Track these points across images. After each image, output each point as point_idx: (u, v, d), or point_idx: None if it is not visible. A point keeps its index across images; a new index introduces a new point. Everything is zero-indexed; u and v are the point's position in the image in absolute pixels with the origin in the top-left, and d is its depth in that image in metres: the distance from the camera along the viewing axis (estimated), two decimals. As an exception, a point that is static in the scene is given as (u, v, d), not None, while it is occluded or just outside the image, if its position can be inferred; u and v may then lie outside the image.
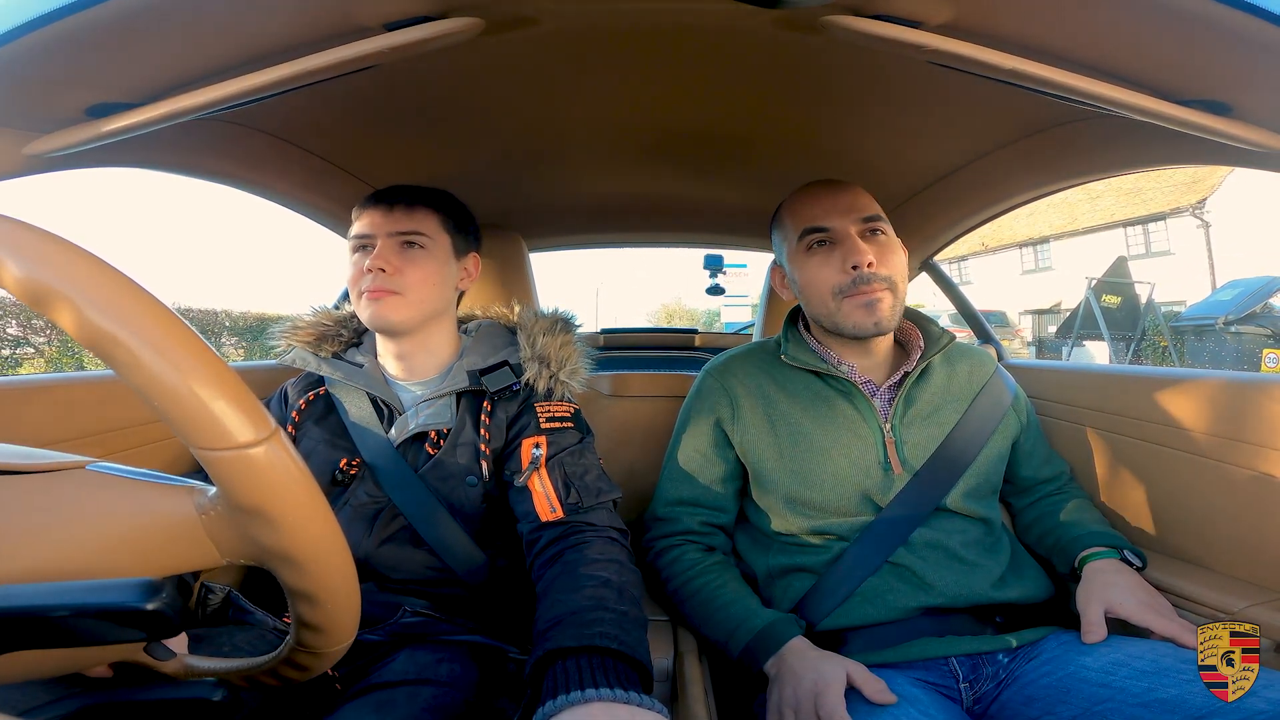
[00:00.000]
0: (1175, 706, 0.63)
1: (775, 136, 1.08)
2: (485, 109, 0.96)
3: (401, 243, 0.85)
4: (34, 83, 0.60)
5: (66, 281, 0.31)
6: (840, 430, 0.88)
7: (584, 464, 0.82)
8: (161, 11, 0.54)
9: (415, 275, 0.84)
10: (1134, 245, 14.78)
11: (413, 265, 0.84)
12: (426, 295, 0.85)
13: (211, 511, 0.38)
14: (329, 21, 0.59)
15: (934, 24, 0.59)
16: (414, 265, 0.85)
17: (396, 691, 0.66)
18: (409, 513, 0.81)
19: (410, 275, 0.84)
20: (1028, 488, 1.00)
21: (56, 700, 0.47)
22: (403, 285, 0.83)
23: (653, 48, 0.78)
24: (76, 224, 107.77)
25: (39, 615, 0.33)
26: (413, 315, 0.85)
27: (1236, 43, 0.56)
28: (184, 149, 0.89)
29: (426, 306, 0.86)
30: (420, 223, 0.86)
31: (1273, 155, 0.70)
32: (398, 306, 0.83)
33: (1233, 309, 8.52)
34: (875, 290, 0.85)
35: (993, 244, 18.20)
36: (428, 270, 0.86)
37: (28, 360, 7.80)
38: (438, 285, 0.87)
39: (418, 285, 0.84)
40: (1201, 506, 0.89)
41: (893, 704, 0.66)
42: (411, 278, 0.84)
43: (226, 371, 0.34)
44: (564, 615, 0.61)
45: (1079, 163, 1.01)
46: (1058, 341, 10.88)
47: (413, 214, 0.86)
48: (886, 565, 0.83)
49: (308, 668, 0.47)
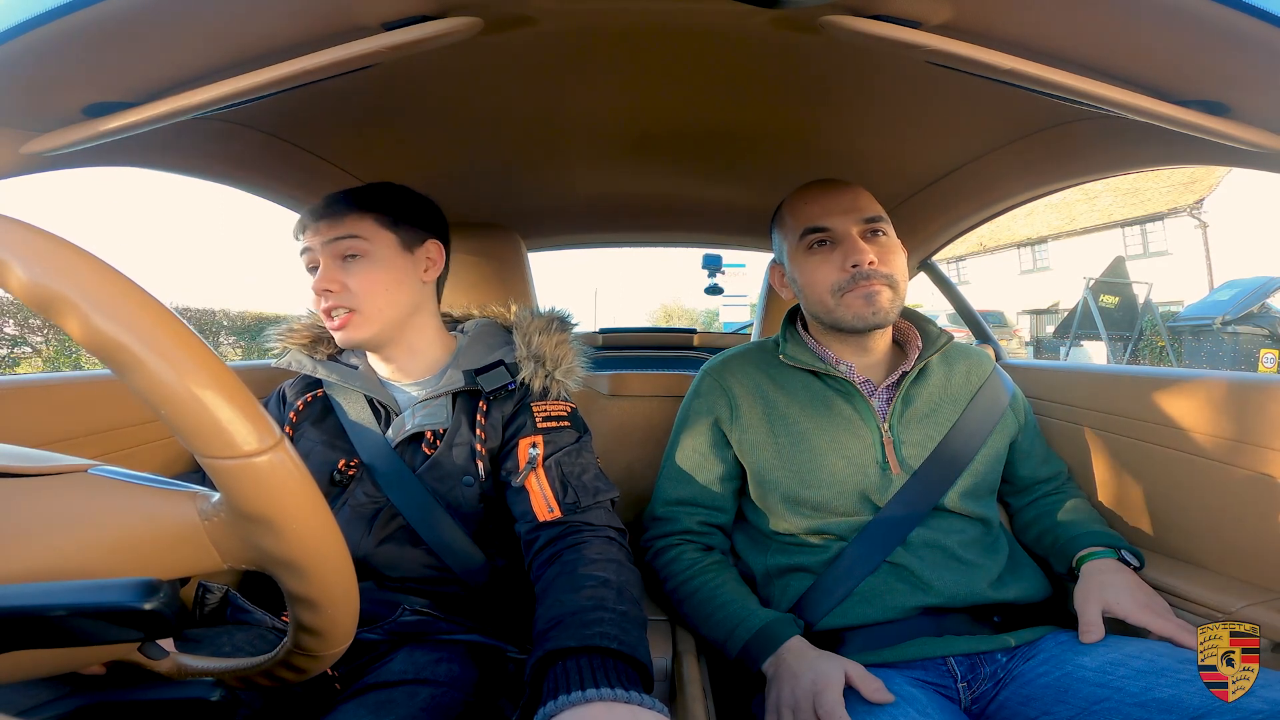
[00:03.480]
0: (1172, 706, 0.63)
1: (773, 136, 1.08)
2: (483, 108, 0.96)
3: (341, 255, 0.82)
4: (31, 82, 0.60)
5: (74, 287, 0.31)
6: (838, 430, 0.88)
7: (581, 463, 0.82)
8: (159, 11, 0.54)
9: (361, 285, 0.81)
10: (1132, 245, 14.80)
11: (355, 276, 0.81)
12: (384, 303, 0.83)
13: (215, 517, 0.38)
14: (327, 21, 0.59)
15: (933, 24, 0.60)
16: (356, 276, 0.81)
17: (395, 691, 0.66)
18: (407, 513, 0.81)
19: (356, 287, 0.81)
20: (1025, 487, 1.00)
21: (54, 700, 0.47)
22: (354, 300, 0.81)
23: (651, 47, 0.78)
24: (76, 223, 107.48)
25: (36, 615, 0.33)
26: (377, 328, 0.83)
27: (1235, 43, 0.56)
28: (182, 148, 0.89)
29: (389, 313, 0.83)
30: (352, 227, 0.82)
31: (1270, 155, 0.70)
32: (359, 325, 0.81)
33: (1230, 309, 8.52)
34: (875, 283, 0.85)
35: (991, 244, 18.23)
36: (374, 278, 0.82)
37: (25, 360, 7.78)
38: (391, 288, 0.83)
39: (368, 296, 0.81)
40: (1199, 506, 0.89)
41: (891, 703, 0.66)
42: (358, 289, 0.81)
43: (233, 380, 0.34)
44: (564, 615, 0.61)
45: (1077, 163, 1.01)
46: (1055, 341, 10.89)
47: (342, 221, 0.82)
48: (885, 565, 0.83)
49: (304, 670, 0.47)
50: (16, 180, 0.70)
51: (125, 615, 0.33)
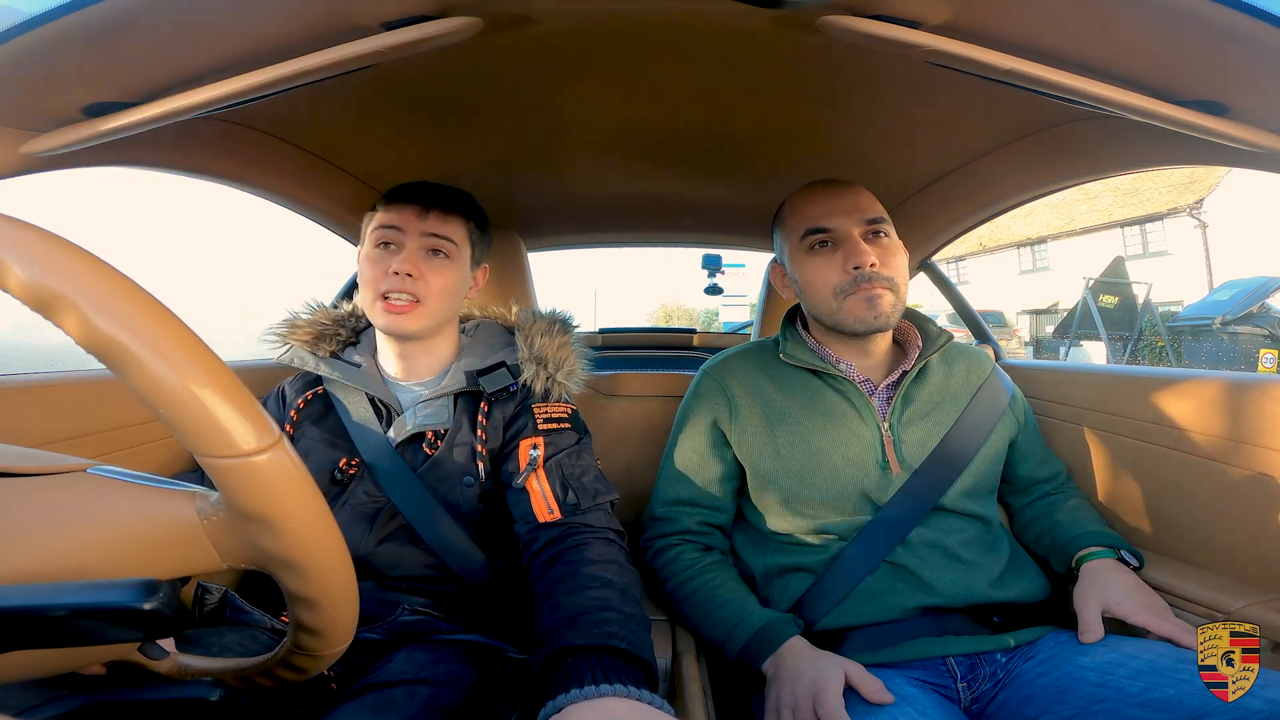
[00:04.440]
0: (1172, 706, 0.63)
1: (773, 136, 1.08)
2: (483, 108, 0.96)
3: (429, 248, 0.83)
4: (31, 82, 0.60)
5: (72, 286, 0.31)
6: (838, 429, 0.88)
7: (582, 465, 0.82)
8: (159, 10, 0.54)
9: (438, 284, 0.83)
10: (1131, 245, 14.81)
11: (437, 274, 0.83)
12: (443, 305, 0.85)
13: (214, 517, 0.38)
14: (327, 21, 0.59)
15: (932, 24, 0.60)
16: (438, 274, 0.83)
17: (395, 691, 0.66)
18: (408, 512, 0.81)
19: (434, 284, 0.82)
20: (1025, 487, 1.00)
21: (54, 700, 0.47)
22: (425, 293, 0.82)
23: (651, 48, 0.78)
24: (74, 223, 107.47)
25: (36, 614, 0.33)
26: (428, 325, 0.84)
27: (1234, 44, 0.56)
28: (181, 148, 0.89)
29: (441, 316, 0.85)
30: (453, 230, 0.85)
31: (1270, 155, 0.70)
32: (417, 316, 0.82)
33: (1230, 309, 8.53)
34: (876, 286, 0.85)
35: (990, 244, 18.23)
36: (449, 280, 0.84)
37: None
38: (455, 295, 0.86)
39: (438, 295, 0.83)
40: (1198, 506, 0.89)
41: (890, 704, 0.66)
42: (434, 285, 0.83)
43: (232, 379, 0.34)
44: (571, 615, 0.61)
45: (1077, 163, 1.01)
46: (1055, 341, 10.89)
47: (447, 220, 0.85)
48: (885, 565, 0.83)
49: (304, 669, 0.47)
50: (16, 180, 0.70)
51: (125, 615, 0.33)
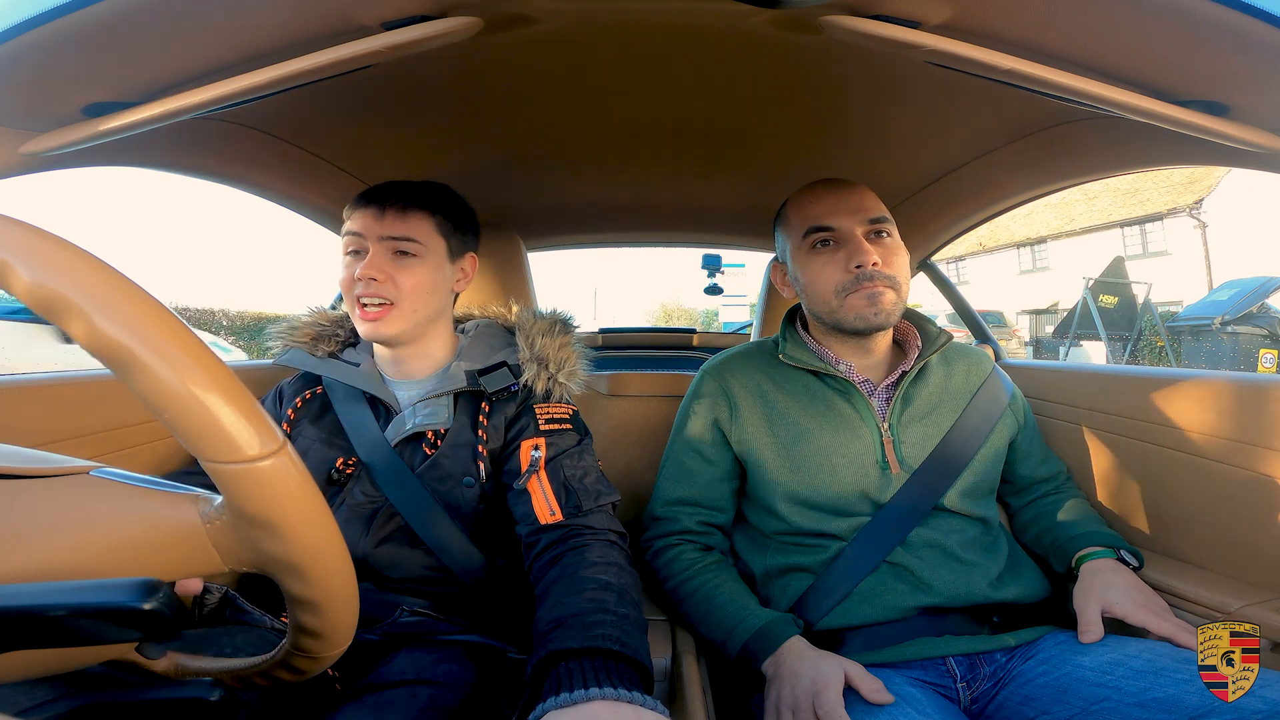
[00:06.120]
0: (1171, 706, 0.63)
1: (773, 136, 1.08)
2: (483, 108, 0.96)
3: (394, 250, 0.83)
4: (30, 81, 0.60)
5: (77, 289, 0.31)
6: (838, 429, 0.88)
7: (583, 466, 0.82)
8: (158, 10, 0.54)
9: (408, 284, 0.82)
10: (1131, 245, 14.81)
11: (405, 273, 0.82)
12: (420, 304, 0.84)
13: (216, 520, 0.39)
14: (326, 21, 0.59)
15: (932, 24, 0.60)
16: (406, 273, 0.82)
17: (395, 692, 0.66)
18: (406, 512, 0.81)
19: (403, 284, 0.82)
20: (1025, 487, 1.01)
21: (53, 700, 0.47)
22: (395, 294, 0.81)
23: (651, 48, 0.78)
24: (73, 223, 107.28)
25: (36, 614, 0.33)
26: (407, 326, 0.84)
27: (1234, 44, 0.56)
28: (181, 148, 0.89)
29: (420, 315, 0.85)
30: (413, 228, 0.83)
31: (1270, 156, 0.70)
32: (392, 320, 0.82)
33: (1229, 309, 8.52)
34: (878, 284, 0.85)
35: (990, 244, 18.24)
36: (420, 278, 0.83)
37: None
38: (431, 293, 0.85)
39: (410, 294, 0.82)
40: (1198, 506, 0.89)
41: (890, 704, 0.66)
42: (404, 286, 0.82)
43: (236, 384, 0.34)
44: (565, 617, 0.61)
45: (1076, 163, 1.01)
46: (1055, 341, 10.88)
47: (406, 219, 0.83)
48: (884, 565, 0.83)
49: (303, 671, 0.47)
50: (16, 180, 0.70)
51: (125, 615, 0.33)
